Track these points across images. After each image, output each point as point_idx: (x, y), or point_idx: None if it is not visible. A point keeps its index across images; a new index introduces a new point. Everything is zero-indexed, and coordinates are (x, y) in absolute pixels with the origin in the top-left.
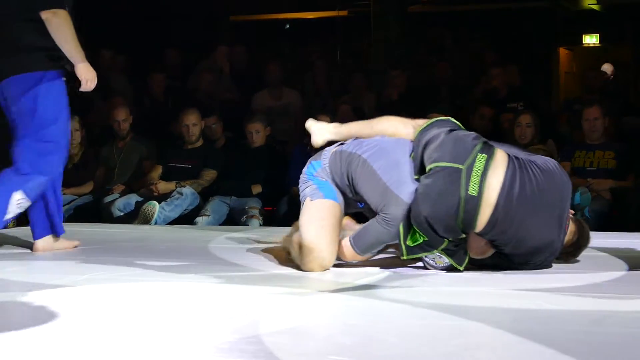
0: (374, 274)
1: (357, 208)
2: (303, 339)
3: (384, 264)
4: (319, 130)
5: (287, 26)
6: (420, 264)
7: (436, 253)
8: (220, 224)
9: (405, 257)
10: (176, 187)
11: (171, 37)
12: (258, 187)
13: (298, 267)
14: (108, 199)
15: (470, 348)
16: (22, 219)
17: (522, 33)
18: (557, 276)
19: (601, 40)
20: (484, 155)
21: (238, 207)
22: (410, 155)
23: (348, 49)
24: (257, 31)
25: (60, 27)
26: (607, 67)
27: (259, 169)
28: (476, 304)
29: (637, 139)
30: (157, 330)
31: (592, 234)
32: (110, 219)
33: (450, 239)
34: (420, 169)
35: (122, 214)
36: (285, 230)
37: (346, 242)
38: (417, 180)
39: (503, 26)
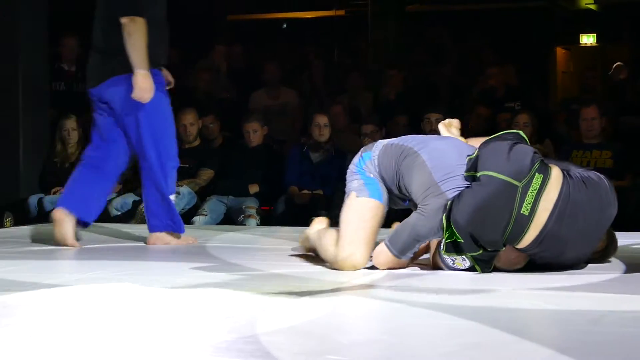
0: (372, 273)
1: (402, 205)
2: (301, 338)
3: None
4: None
5: (285, 26)
6: (412, 269)
7: (462, 256)
8: (217, 224)
9: (444, 252)
10: None
11: (169, 36)
12: (255, 187)
13: (293, 265)
14: None
15: (468, 348)
16: (20, 219)
17: (519, 32)
18: (555, 276)
19: (598, 39)
20: (541, 175)
21: (235, 206)
22: (466, 156)
23: (345, 49)
24: (255, 30)
25: (133, 34)
26: (617, 68)
27: (256, 169)
28: (474, 303)
29: (634, 138)
30: (154, 329)
31: None
32: (107, 218)
33: (488, 249)
34: (473, 169)
35: (119, 213)
36: (282, 229)
37: (381, 247)
38: (467, 178)
39: (500, 26)
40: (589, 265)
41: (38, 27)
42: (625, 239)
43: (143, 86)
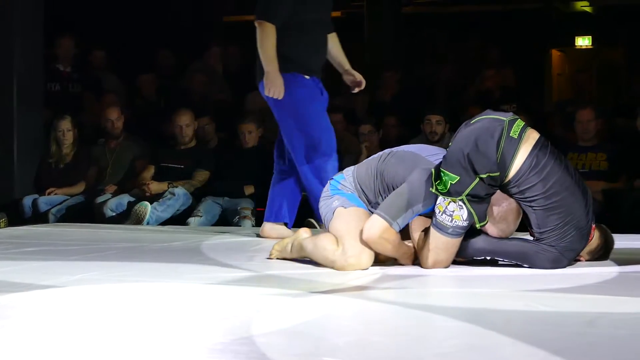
0: (367, 275)
1: None
2: (296, 339)
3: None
4: None
5: None
6: (409, 269)
7: (459, 202)
8: (212, 225)
9: (447, 199)
10: (168, 188)
11: (164, 38)
12: (250, 188)
13: (288, 267)
14: (100, 199)
15: (463, 349)
16: (14, 220)
17: (515, 35)
18: (549, 277)
19: (593, 42)
20: (524, 122)
21: (230, 207)
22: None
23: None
24: (251, 32)
25: (260, 37)
26: None
27: (252, 170)
28: (468, 305)
29: (629, 140)
30: (149, 331)
31: None
32: (102, 219)
33: (482, 174)
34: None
35: (114, 214)
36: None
37: (373, 216)
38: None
39: (496, 28)
40: (581, 266)
41: (34, 28)
42: (619, 241)
43: (267, 84)
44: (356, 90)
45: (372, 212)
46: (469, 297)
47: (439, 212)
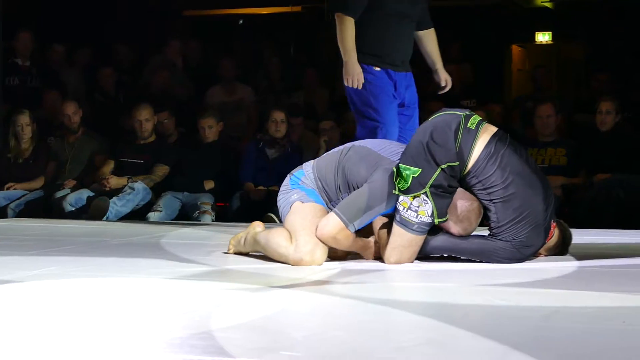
0: (327, 269)
1: None
2: (255, 334)
3: (336, 257)
4: None
5: (241, 22)
6: (369, 264)
7: (422, 196)
8: (172, 220)
9: (407, 197)
10: (128, 182)
11: (124, 32)
12: (210, 183)
13: (247, 262)
14: (59, 194)
15: (422, 343)
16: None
17: (475, 30)
18: (508, 272)
19: (553, 37)
20: (480, 117)
21: (190, 202)
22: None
23: (301, 45)
24: (210, 26)
25: (339, 29)
26: None
27: (212, 165)
28: (428, 299)
29: (588, 136)
30: (107, 325)
31: None
32: (61, 214)
33: (443, 165)
34: None
35: (73, 209)
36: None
37: (330, 214)
38: None
39: (456, 23)
40: (539, 261)
41: None
42: (578, 236)
43: (345, 74)
44: (440, 92)
45: (331, 210)
46: (428, 292)
47: (404, 209)
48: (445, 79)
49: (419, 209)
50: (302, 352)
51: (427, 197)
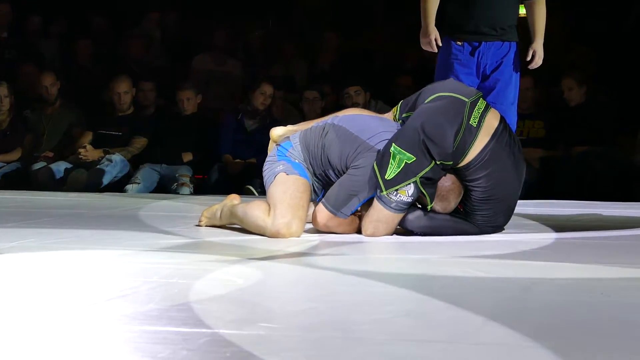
0: (305, 242)
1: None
2: (233, 306)
3: (314, 231)
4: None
5: None
6: (346, 236)
7: (411, 183)
8: (150, 192)
9: (384, 192)
10: (105, 154)
11: (101, 3)
12: (189, 155)
13: (225, 234)
14: (37, 165)
15: (400, 315)
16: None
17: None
18: (487, 244)
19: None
20: (485, 102)
21: (169, 174)
22: (387, 124)
23: (281, 17)
24: None
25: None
26: None
27: (190, 137)
28: (406, 271)
29: (565, 108)
30: (85, 297)
31: (522, 202)
32: (39, 186)
33: (437, 161)
34: (414, 108)
35: (51, 181)
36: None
37: (318, 206)
38: (406, 119)
39: None
40: (519, 233)
41: None
42: (556, 208)
43: (421, 38)
44: (529, 67)
45: (314, 187)
46: (406, 264)
47: (381, 191)
48: (532, 53)
49: (399, 191)
50: (280, 324)
51: (416, 185)
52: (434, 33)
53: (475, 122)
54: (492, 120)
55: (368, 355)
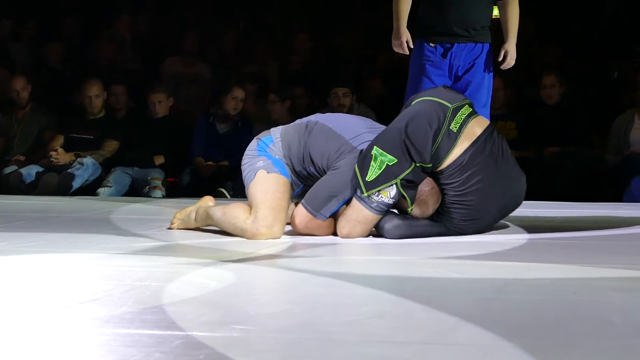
0: (278, 243)
1: (295, 192)
2: (206, 308)
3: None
4: None
5: None
6: (320, 238)
7: (392, 185)
8: (122, 195)
9: (365, 194)
10: (76, 158)
11: (72, 5)
12: (160, 158)
13: (198, 236)
14: (8, 169)
15: (374, 316)
16: None
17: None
18: (460, 245)
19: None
20: (471, 109)
21: (140, 178)
22: (370, 125)
23: (253, 18)
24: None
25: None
26: None
27: (162, 140)
28: (380, 272)
29: (538, 109)
30: (57, 300)
31: None
32: (10, 189)
33: (417, 163)
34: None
35: (22, 185)
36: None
37: (298, 207)
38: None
39: None
40: (491, 234)
41: None
42: (529, 209)
43: (392, 41)
44: (501, 67)
45: (293, 181)
46: (380, 265)
47: (361, 193)
48: (504, 53)
49: (381, 191)
50: (254, 326)
51: (398, 188)
52: (406, 35)
53: (456, 128)
54: (475, 128)
55: (343, 357)
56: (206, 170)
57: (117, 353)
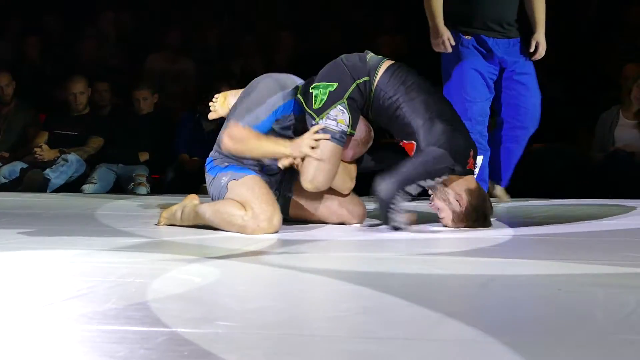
0: (262, 240)
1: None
2: (191, 304)
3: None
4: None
5: None
6: (304, 235)
7: (339, 107)
8: (107, 192)
9: (317, 119)
10: (60, 154)
11: (54, 3)
12: (145, 155)
13: (183, 233)
14: None
15: (358, 312)
16: None
17: (410, 1)
18: (445, 241)
19: None
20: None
21: (125, 174)
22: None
23: (237, 13)
24: None
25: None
26: None
27: (146, 136)
28: (364, 268)
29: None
30: (42, 297)
31: None
32: None
33: (357, 80)
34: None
35: (6, 181)
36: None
37: (224, 126)
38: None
39: None
40: (478, 230)
41: None
42: (513, 204)
43: (431, 40)
44: (533, 58)
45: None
46: (364, 261)
47: (323, 120)
48: (535, 44)
49: (337, 117)
50: (238, 322)
51: (345, 107)
52: (446, 33)
53: (377, 57)
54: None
55: (326, 353)
56: (191, 167)
57: (102, 349)
